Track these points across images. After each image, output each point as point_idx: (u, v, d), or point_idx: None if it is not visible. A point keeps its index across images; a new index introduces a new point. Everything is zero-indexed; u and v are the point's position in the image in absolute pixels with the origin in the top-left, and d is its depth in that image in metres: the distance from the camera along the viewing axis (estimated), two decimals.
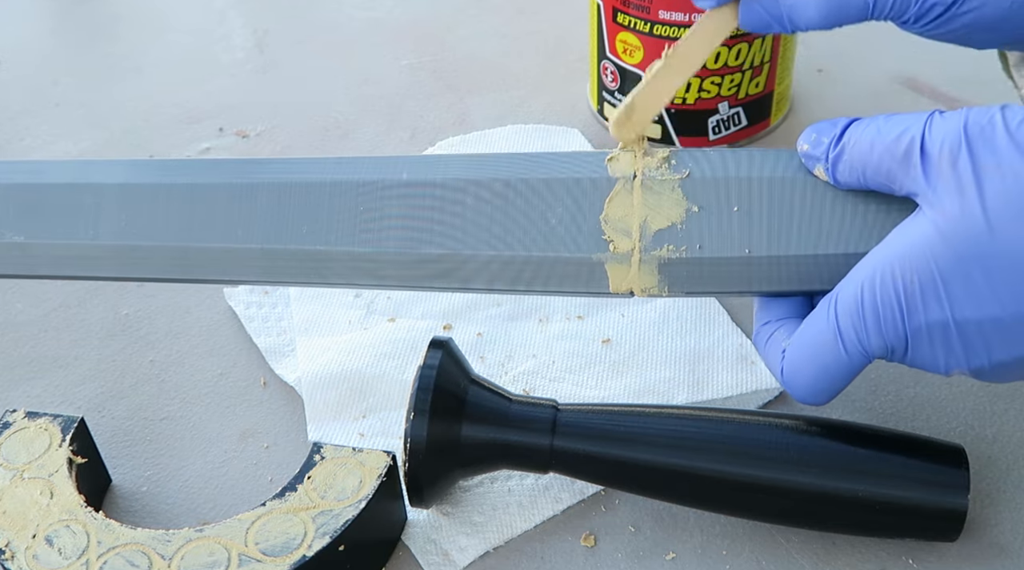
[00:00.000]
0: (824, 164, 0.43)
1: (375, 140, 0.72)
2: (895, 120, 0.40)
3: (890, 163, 0.40)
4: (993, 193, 0.37)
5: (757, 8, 0.48)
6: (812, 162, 0.43)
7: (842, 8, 0.46)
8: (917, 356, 0.40)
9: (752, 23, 0.48)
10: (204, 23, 0.85)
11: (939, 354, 0.40)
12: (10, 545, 0.44)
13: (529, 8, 0.84)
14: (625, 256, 0.44)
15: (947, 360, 0.40)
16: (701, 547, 0.48)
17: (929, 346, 0.40)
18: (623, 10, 0.64)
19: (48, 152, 0.72)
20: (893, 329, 0.40)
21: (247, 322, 0.59)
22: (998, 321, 0.38)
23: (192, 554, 0.44)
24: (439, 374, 0.46)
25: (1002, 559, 0.47)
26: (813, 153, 0.43)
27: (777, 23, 0.47)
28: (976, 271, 0.38)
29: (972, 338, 0.39)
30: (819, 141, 0.43)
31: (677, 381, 0.54)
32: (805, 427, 0.46)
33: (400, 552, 0.48)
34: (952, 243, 0.38)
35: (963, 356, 0.39)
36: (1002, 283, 0.37)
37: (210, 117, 0.75)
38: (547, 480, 0.50)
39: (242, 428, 0.54)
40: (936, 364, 0.40)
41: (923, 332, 0.39)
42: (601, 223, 0.44)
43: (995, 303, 0.38)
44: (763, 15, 0.47)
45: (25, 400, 0.56)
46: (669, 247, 0.44)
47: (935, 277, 0.38)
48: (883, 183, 0.41)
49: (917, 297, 0.39)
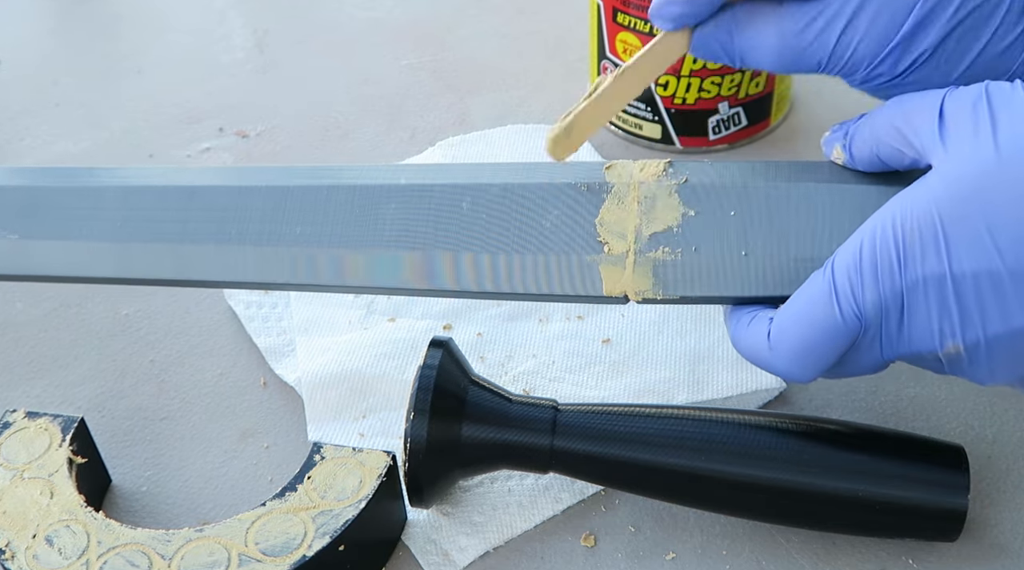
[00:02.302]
0: (843, 141, 0.44)
1: (375, 140, 0.72)
2: (919, 92, 0.41)
3: (904, 123, 0.41)
4: (1006, 133, 0.38)
5: (711, 42, 0.47)
6: (831, 145, 0.44)
7: (796, 60, 0.46)
8: (913, 322, 0.40)
9: (704, 52, 0.48)
10: (204, 23, 0.85)
11: (934, 318, 0.39)
12: (10, 545, 0.44)
13: (529, 8, 0.84)
14: (619, 258, 0.44)
15: (941, 327, 0.39)
16: (701, 547, 0.48)
17: (925, 305, 0.39)
18: (623, 10, 0.64)
19: (48, 152, 0.72)
20: (890, 281, 0.39)
21: (247, 322, 0.59)
22: (995, 276, 0.38)
23: (192, 554, 0.44)
24: (439, 374, 0.46)
25: (1002, 559, 0.47)
26: (833, 136, 0.44)
27: (728, 58, 0.47)
28: (977, 214, 0.38)
29: (968, 298, 0.38)
30: (841, 126, 0.44)
31: (677, 381, 0.54)
32: (805, 427, 0.46)
33: (400, 552, 0.48)
34: (957, 186, 0.38)
35: (958, 323, 0.39)
36: (1003, 228, 0.37)
37: (210, 117, 0.75)
38: (547, 480, 0.50)
39: (242, 428, 0.54)
40: (931, 335, 0.40)
41: (919, 287, 0.39)
42: (596, 226, 0.45)
43: (994, 252, 0.37)
44: (716, 48, 0.48)
45: (25, 400, 0.56)
46: (664, 249, 0.44)
47: (935, 223, 0.38)
48: (895, 149, 0.41)
49: (916, 246, 0.39)
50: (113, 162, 0.71)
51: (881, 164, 0.43)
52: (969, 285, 0.38)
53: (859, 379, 0.54)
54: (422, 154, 0.69)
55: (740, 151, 0.68)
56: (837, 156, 0.44)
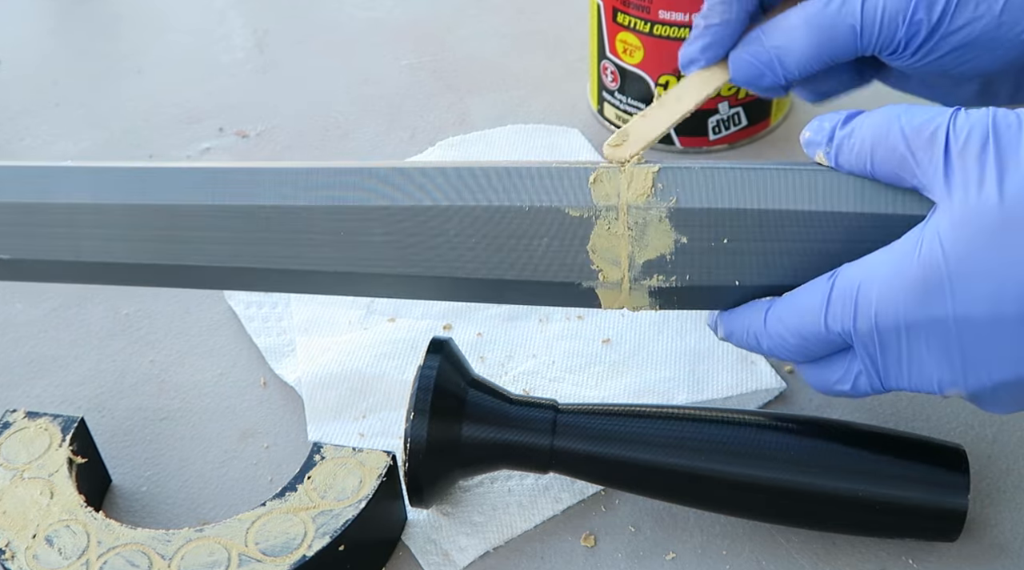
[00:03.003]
0: (826, 147, 0.42)
1: (375, 140, 0.72)
2: (917, 109, 0.40)
3: (905, 150, 0.39)
4: (1014, 184, 0.37)
5: (745, 58, 0.47)
6: (813, 148, 0.43)
7: (831, 39, 0.45)
8: (912, 362, 0.39)
9: (743, 76, 0.48)
10: (204, 23, 0.85)
11: (934, 362, 0.39)
12: (10, 545, 0.44)
13: (529, 8, 0.84)
14: (615, 284, 0.44)
15: (941, 373, 0.39)
16: (701, 547, 0.48)
17: (926, 347, 0.39)
18: (623, 10, 0.64)
19: (48, 152, 0.72)
20: (892, 316, 0.39)
21: (247, 322, 0.59)
22: (1002, 323, 0.37)
23: (192, 554, 0.44)
24: (439, 374, 0.46)
25: (1002, 559, 0.47)
26: (815, 139, 0.42)
27: (768, 69, 0.47)
28: (984, 260, 0.37)
29: (972, 344, 0.38)
30: (821, 127, 0.42)
31: (677, 381, 0.54)
32: (805, 427, 0.46)
33: (400, 552, 0.48)
34: (963, 231, 0.37)
35: (960, 370, 0.38)
36: (1011, 276, 0.37)
37: (210, 117, 0.75)
38: (547, 480, 0.50)
39: (242, 428, 0.54)
40: (930, 380, 0.39)
41: (920, 329, 0.38)
42: (588, 253, 0.44)
43: (1001, 298, 0.37)
44: (752, 63, 0.47)
45: (25, 400, 0.56)
46: (659, 277, 0.43)
47: (941, 267, 0.38)
48: (892, 171, 0.40)
49: (919, 288, 0.38)
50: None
51: (875, 180, 0.42)
52: (974, 331, 0.38)
53: None
54: (422, 154, 0.69)
55: (740, 151, 0.68)
56: (819, 159, 0.43)
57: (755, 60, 0.47)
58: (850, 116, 0.42)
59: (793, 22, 0.46)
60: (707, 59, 0.48)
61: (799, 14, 0.46)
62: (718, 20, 0.48)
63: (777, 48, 0.47)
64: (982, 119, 0.38)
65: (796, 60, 0.46)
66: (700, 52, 0.48)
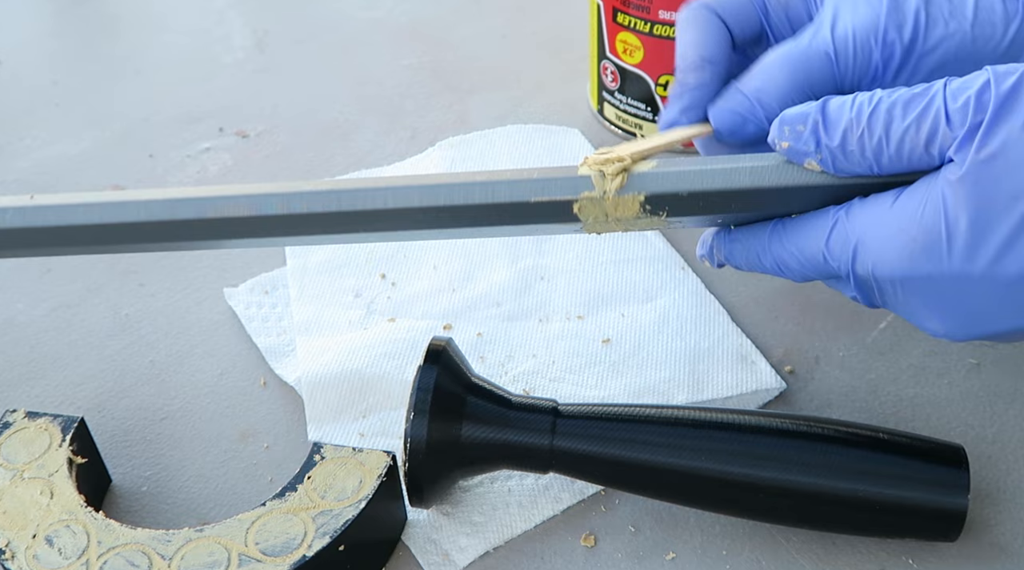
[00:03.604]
0: (815, 155, 0.42)
1: (375, 140, 0.72)
2: (907, 96, 0.39)
3: (915, 141, 0.39)
4: (1012, 143, 0.37)
5: (725, 109, 0.47)
6: (800, 157, 0.42)
7: (807, 72, 0.45)
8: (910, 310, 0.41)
9: (726, 126, 0.47)
10: (204, 23, 0.85)
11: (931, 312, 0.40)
12: (10, 545, 0.44)
13: (529, 8, 0.84)
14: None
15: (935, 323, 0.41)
16: (701, 547, 0.48)
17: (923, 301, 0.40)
18: (623, 10, 0.64)
19: (48, 152, 0.72)
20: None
21: (247, 322, 0.59)
22: (996, 281, 0.38)
23: (192, 554, 0.44)
24: (439, 374, 0.46)
25: (1002, 559, 0.47)
26: (798, 147, 0.42)
27: (750, 114, 0.47)
28: (984, 221, 0.37)
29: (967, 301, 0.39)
30: (798, 133, 0.42)
31: (677, 381, 0.54)
32: (805, 427, 0.46)
33: (400, 552, 0.48)
34: (965, 191, 0.38)
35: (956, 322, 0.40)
36: (1007, 238, 0.37)
37: (210, 117, 0.75)
38: (547, 480, 0.50)
39: (242, 428, 0.54)
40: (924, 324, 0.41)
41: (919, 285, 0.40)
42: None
43: (998, 260, 0.38)
44: (734, 113, 0.47)
45: (25, 400, 0.56)
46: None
47: (941, 229, 0.38)
48: (903, 166, 0.40)
49: None
50: (113, 162, 0.71)
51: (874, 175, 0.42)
52: (971, 289, 0.39)
53: (859, 379, 0.54)
54: (422, 154, 0.69)
55: None
56: (811, 167, 0.42)
57: (736, 108, 0.47)
58: (823, 115, 0.41)
59: (768, 63, 0.46)
60: (688, 120, 0.48)
61: (773, 54, 0.47)
62: (694, 83, 0.48)
63: (756, 91, 0.46)
64: (980, 75, 0.38)
65: (776, 99, 0.46)
66: (680, 114, 0.48)
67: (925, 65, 0.45)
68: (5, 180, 0.70)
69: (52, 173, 0.70)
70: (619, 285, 0.59)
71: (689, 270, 0.60)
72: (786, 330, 0.57)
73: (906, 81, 0.45)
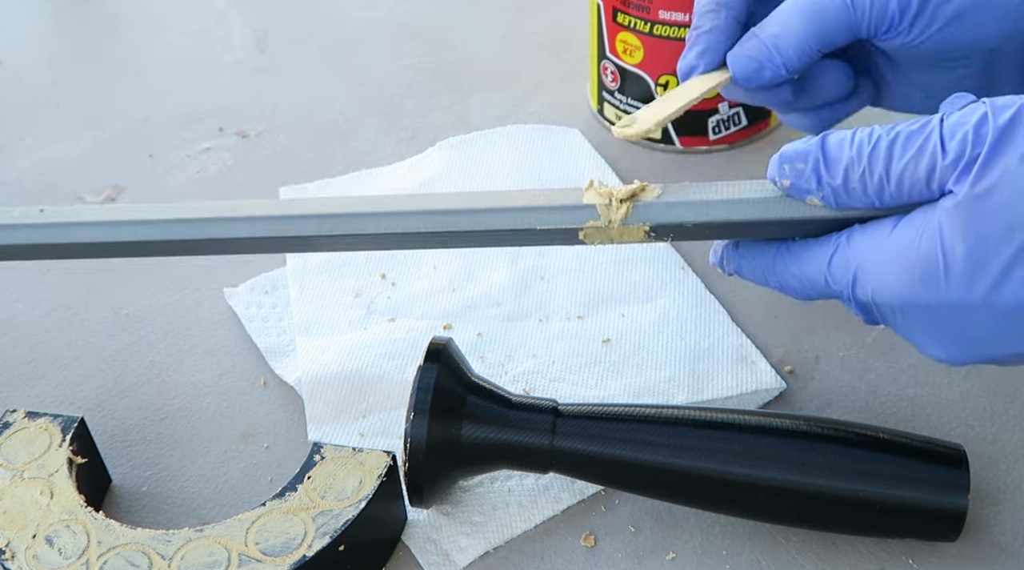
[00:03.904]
0: (817, 193, 0.42)
1: (375, 140, 0.72)
2: (905, 132, 0.39)
3: (914, 176, 0.39)
4: (1008, 174, 0.37)
5: (743, 54, 0.48)
6: (802, 193, 0.42)
7: (824, 19, 0.46)
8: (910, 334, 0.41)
9: (743, 71, 0.48)
10: (203, 23, 0.85)
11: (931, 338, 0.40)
12: (10, 545, 0.44)
13: (529, 8, 0.84)
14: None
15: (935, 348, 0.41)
16: (701, 547, 0.48)
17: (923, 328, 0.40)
18: (623, 10, 0.64)
19: (48, 152, 0.72)
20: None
21: (247, 322, 0.59)
22: (995, 308, 0.38)
23: (192, 554, 0.44)
24: (439, 374, 0.46)
25: (1002, 559, 0.47)
26: (799, 185, 0.42)
27: (767, 60, 0.47)
28: (982, 250, 0.37)
29: (966, 328, 0.39)
30: (798, 171, 0.42)
31: (677, 381, 0.54)
32: (805, 427, 0.46)
33: (400, 552, 0.48)
34: (962, 221, 0.38)
35: (956, 348, 0.40)
36: (1005, 266, 0.37)
37: (210, 117, 0.75)
38: (547, 480, 0.50)
39: (242, 428, 0.54)
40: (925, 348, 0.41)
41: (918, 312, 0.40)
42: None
43: (996, 288, 0.38)
44: (751, 58, 0.48)
45: (25, 400, 0.56)
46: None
47: (939, 259, 0.38)
48: (904, 200, 0.40)
49: None
50: (113, 162, 0.71)
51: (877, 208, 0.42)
52: (969, 317, 0.39)
53: (859, 379, 0.54)
54: (422, 154, 0.69)
55: (740, 151, 0.68)
56: (813, 203, 0.42)
57: (753, 54, 0.48)
58: (823, 151, 0.41)
59: (785, 9, 0.47)
60: (705, 64, 0.49)
61: (791, 1, 0.47)
62: (708, 27, 0.49)
63: (773, 36, 0.47)
64: (978, 108, 0.38)
65: (793, 45, 0.47)
66: (697, 58, 0.49)
67: (943, 13, 0.45)
68: (5, 180, 0.70)
69: (52, 173, 0.70)
70: (619, 285, 0.59)
71: (689, 270, 0.60)
72: (786, 330, 0.57)
73: (923, 30, 0.46)
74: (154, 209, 0.49)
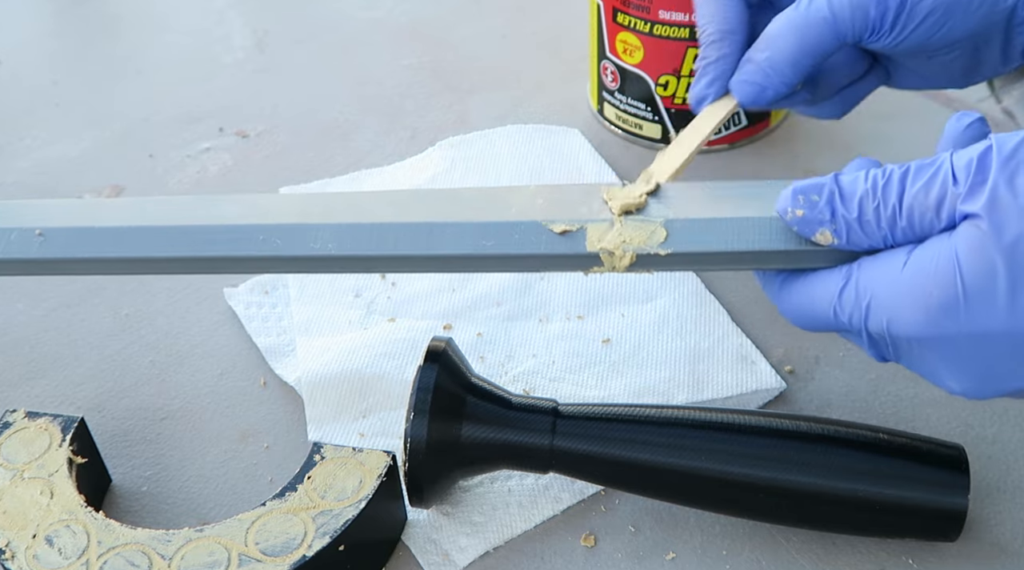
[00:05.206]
0: (830, 225, 0.41)
1: (375, 140, 0.72)
2: (917, 165, 0.40)
3: (924, 204, 0.39)
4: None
5: (742, 79, 0.50)
6: (813, 227, 0.42)
7: (809, 36, 0.48)
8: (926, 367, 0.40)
9: (747, 95, 0.51)
10: (204, 23, 0.85)
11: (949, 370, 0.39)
12: (10, 545, 0.44)
13: (529, 8, 0.84)
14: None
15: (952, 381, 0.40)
16: (701, 547, 0.48)
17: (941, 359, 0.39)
18: (623, 10, 0.64)
19: (48, 152, 0.72)
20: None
21: (247, 322, 0.59)
22: (1014, 337, 0.37)
23: (192, 554, 0.44)
24: (439, 374, 0.46)
25: (1002, 559, 0.47)
26: (812, 217, 0.41)
27: (766, 81, 0.50)
28: (999, 280, 0.37)
29: (984, 359, 0.38)
30: (812, 203, 0.41)
31: (677, 381, 0.54)
32: (805, 427, 0.46)
33: (400, 552, 0.48)
34: (980, 250, 0.37)
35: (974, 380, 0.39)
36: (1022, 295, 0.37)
37: (210, 117, 0.75)
38: (547, 480, 0.50)
39: (242, 428, 0.54)
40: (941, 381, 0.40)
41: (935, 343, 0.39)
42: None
43: (1013, 317, 0.37)
44: (750, 82, 0.50)
45: (25, 400, 0.56)
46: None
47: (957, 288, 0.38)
48: (915, 233, 0.40)
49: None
50: (113, 162, 0.71)
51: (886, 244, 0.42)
52: (987, 347, 0.38)
53: (859, 379, 0.54)
54: (422, 154, 0.69)
55: (740, 151, 0.68)
56: (822, 239, 0.42)
57: (752, 78, 0.50)
58: (838, 186, 0.41)
59: (774, 31, 0.49)
60: (714, 93, 0.52)
61: (777, 23, 0.49)
62: (715, 56, 0.51)
63: (768, 59, 0.49)
64: (984, 142, 0.38)
65: (787, 63, 0.49)
66: (706, 87, 0.52)
67: (920, 10, 0.47)
68: (5, 181, 0.70)
69: (52, 173, 0.70)
70: (619, 285, 0.59)
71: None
72: (786, 330, 0.57)
73: (901, 30, 0.48)
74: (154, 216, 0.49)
